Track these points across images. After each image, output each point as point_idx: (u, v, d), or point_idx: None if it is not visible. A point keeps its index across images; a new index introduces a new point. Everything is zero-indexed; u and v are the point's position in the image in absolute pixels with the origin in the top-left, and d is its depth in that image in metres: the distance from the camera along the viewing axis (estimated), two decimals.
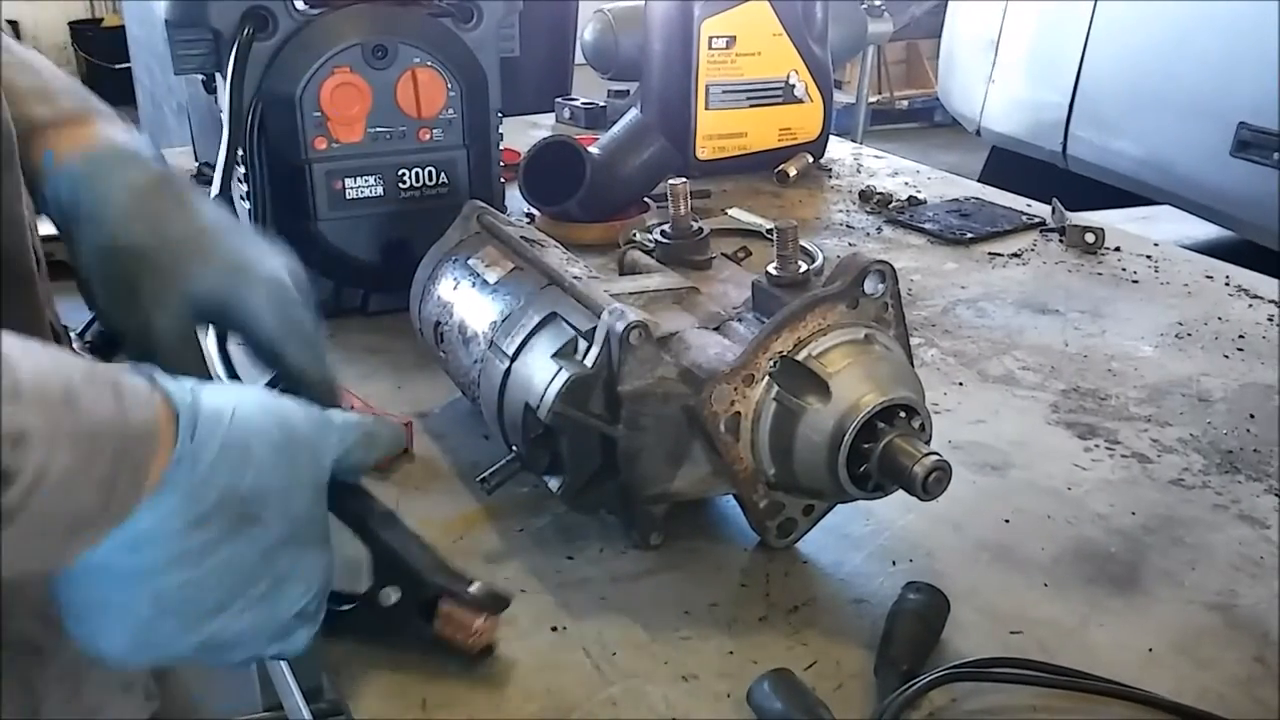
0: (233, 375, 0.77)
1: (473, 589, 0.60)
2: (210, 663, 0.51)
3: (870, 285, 0.69)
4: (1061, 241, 1.38)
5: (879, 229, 1.43)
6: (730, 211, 1.44)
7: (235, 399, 0.50)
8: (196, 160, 1.56)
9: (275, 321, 0.67)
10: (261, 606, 0.51)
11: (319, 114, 1.00)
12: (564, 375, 0.68)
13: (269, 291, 0.67)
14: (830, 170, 1.69)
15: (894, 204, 1.50)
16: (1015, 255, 1.34)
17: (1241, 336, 1.11)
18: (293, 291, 0.69)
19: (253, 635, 0.52)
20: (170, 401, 0.47)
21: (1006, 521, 0.78)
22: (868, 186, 1.57)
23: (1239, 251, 1.80)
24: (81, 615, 0.49)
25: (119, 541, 0.46)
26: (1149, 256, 1.34)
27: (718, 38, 1.54)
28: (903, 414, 0.65)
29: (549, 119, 1.96)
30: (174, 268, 0.65)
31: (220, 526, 0.48)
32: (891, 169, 1.73)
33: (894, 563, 0.73)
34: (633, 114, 1.50)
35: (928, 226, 1.42)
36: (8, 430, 0.39)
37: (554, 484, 0.72)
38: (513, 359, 0.73)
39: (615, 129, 1.48)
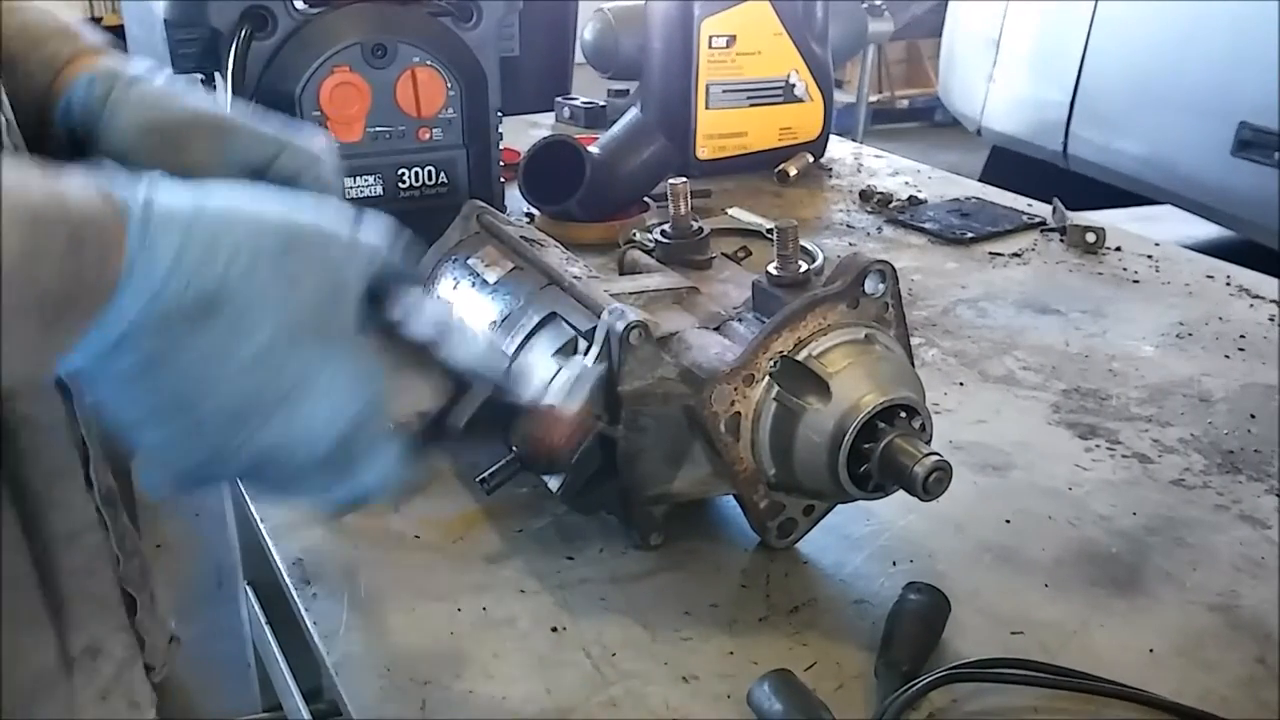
0: None
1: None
2: (271, 491, 0.50)
3: (871, 285, 0.69)
4: (1062, 241, 1.38)
5: (879, 228, 1.43)
6: (730, 211, 1.43)
7: (206, 197, 0.48)
8: None
9: (322, 184, 0.69)
10: (283, 418, 0.48)
11: (318, 113, 1.00)
12: (564, 375, 0.68)
13: (307, 156, 0.68)
14: (831, 170, 1.69)
15: (894, 203, 1.50)
16: (1016, 255, 1.34)
17: (1243, 336, 1.10)
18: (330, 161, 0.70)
19: (292, 454, 0.49)
20: (114, 199, 0.45)
21: (1007, 522, 0.78)
22: (868, 186, 1.57)
23: (1240, 251, 1.80)
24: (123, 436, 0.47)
25: (94, 349, 0.44)
26: (1150, 256, 1.34)
27: (718, 37, 1.54)
28: (903, 414, 0.65)
29: (549, 118, 1.95)
30: (226, 129, 0.67)
31: (190, 325, 0.45)
32: (892, 168, 1.72)
33: (895, 563, 0.73)
34: (633, 113, 1.50)
35: (928, 226, 1.42)
36: None
37: (554, 484, 0.72)
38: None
39: (615, 128, 1.48)
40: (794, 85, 1.62)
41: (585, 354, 0.69)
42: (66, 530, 0.58)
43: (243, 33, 0.96)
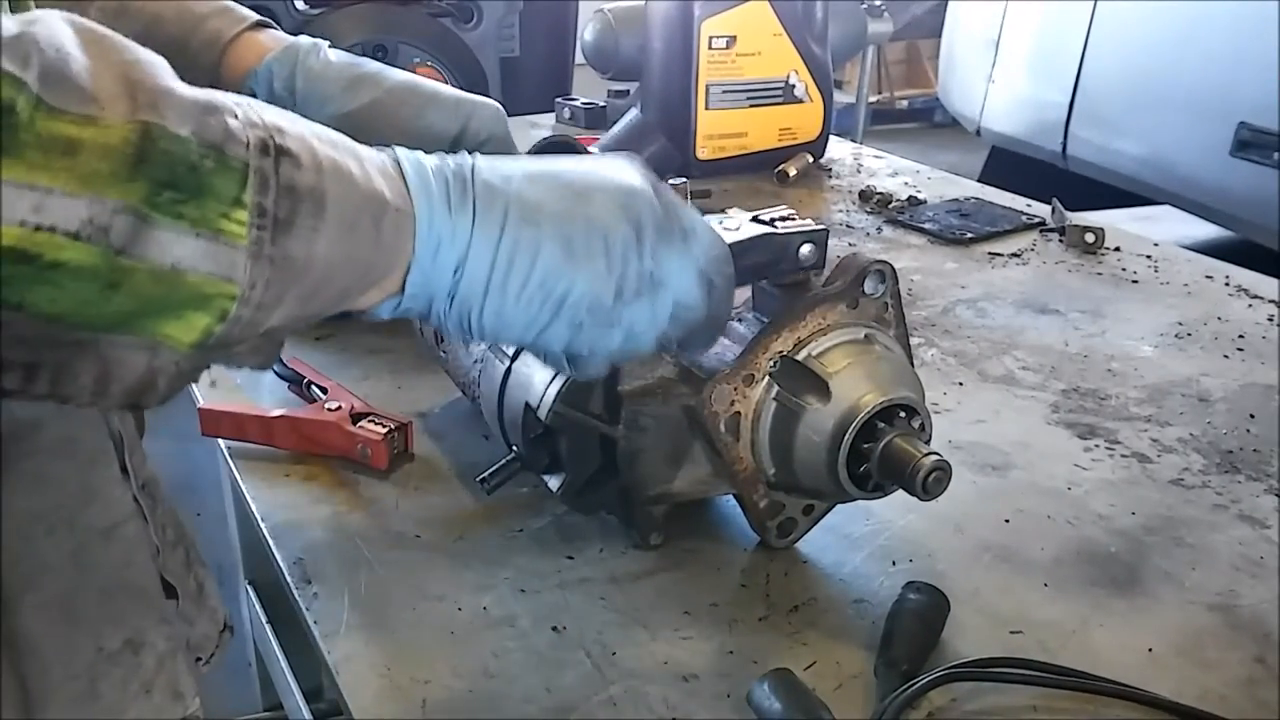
0: None
1: None
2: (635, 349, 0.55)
3: (870, 285, 0.69)
4: (1061, 241, 1.38)
5: (879, 229, 1.43)
6: (730, 211, 1.43)
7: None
8: None
9: (507, 143, 0.76)
10: (644, 299, 0.54)
11: None
12: (564, 375, 0.68)
13: (495, 114, 0.76)
14: (830, 170, 1.69)
15: (894, 204, 1.50)
16: (1015, 255, 1.34)
17: (1241, 336, 1.11)
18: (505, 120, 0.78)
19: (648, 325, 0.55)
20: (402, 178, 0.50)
21: (1007, 522, 0.78)
22: (868, 186, 1.57)
23: (1239, 251, 1.80)
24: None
25: (440, 268, 0.50)
26: (1149, 256, 1.34)
27: (718, 38, 1.54)
28: (903, 414, 0.65)
29: (549, 119, 1.96)
30: (404, 111, 0.73)
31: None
32: (891, 169, 1.73)
33: (894, 563, 0.73)
34: (633, 114, 1.51)
35: (928, 226, 1.42)
36: (268, 122, 0.42)
37: (554, 484, 0.72)
38: (513, 359, 0.73)
39: (615, 129, 1.48)
40: (794, 86, 1.63)
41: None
42: (105, 522, 0.58)
43: None
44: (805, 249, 0.67)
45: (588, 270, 0.52)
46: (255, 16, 0.77)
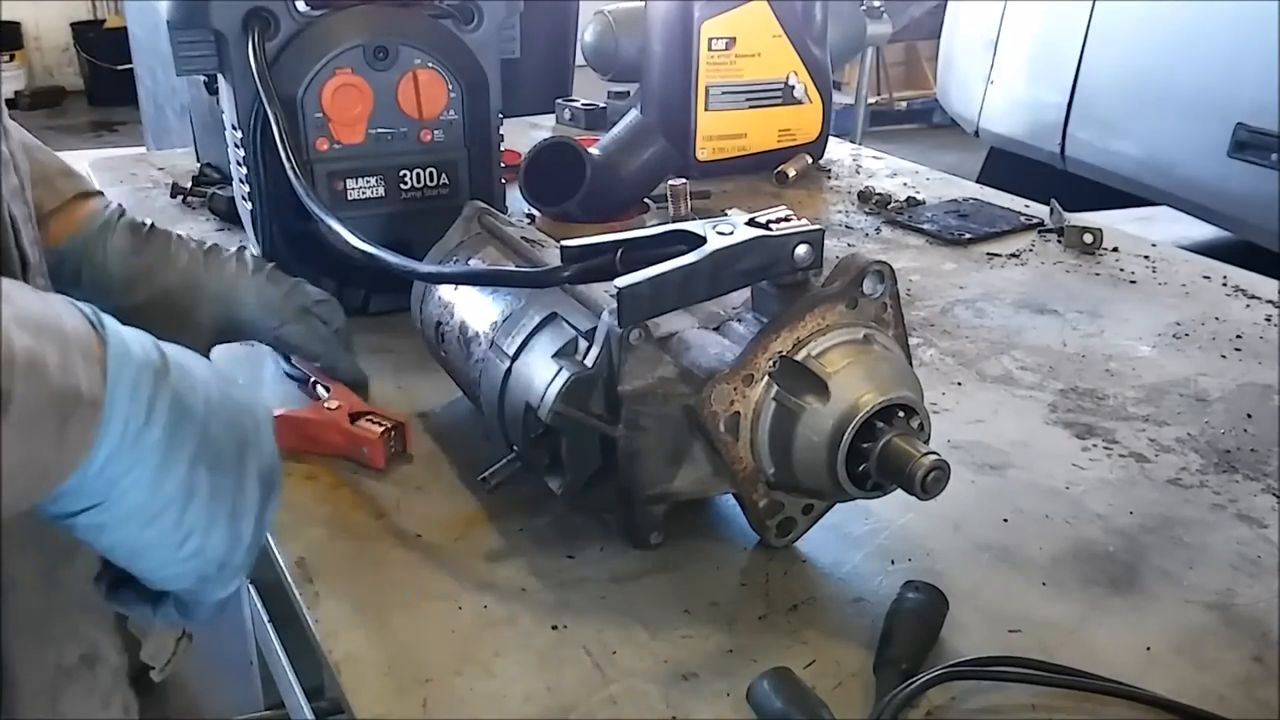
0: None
1: None
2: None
3: (869, 285, 0.69)
4: (1060, 242, 1.39)
5: (878, 229, 1.44)
6: (730, 212, 1.43)
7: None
8: (199, 161, 1.56)
9: (278, 324, 0.85)
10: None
11: (320, 115, 1.00)
12: (564, 375, 0.68)
13: (259, 301, 0.85)
14: (829, 171, 1.70)
15: (893, 205, 1.51)
16: (1014, 256, 1.34)
17: (1239, 336, 1.11)
18: (279, 289, 0.87)
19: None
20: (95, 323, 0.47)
21: (1005, 521, 0.79)
22: (867, 187, 1.58)
23: (1237, 252, 1.80)
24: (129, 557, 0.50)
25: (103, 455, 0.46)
26: (1147, 257, 1.34)
27: (717, 39, 1.55)
28: (901, 414, 0.65)
29: (549, 120, 1.96)
30: (178, 310, 0.82)
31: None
32: (890, 170, 1.73)
33: (893, 562, 0.73)
34: (633, 115, 1.51)
35: (926, 227, 1.43)
36: None
37: (554, 484, 0.73)
38: (513, 359, 0.74)
39: (615, 130, 1.48)
40: (793, 87, 1.63)
41: (585, 356, 0.70)
42: (69, 538, 0.57)
43: (254, 36, 0.97)
44: (801, 250, 0.68)
45: (233, 528, 0.52)
46: (80, 188, 0.83)
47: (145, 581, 0.52)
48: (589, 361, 0.69)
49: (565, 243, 0.73)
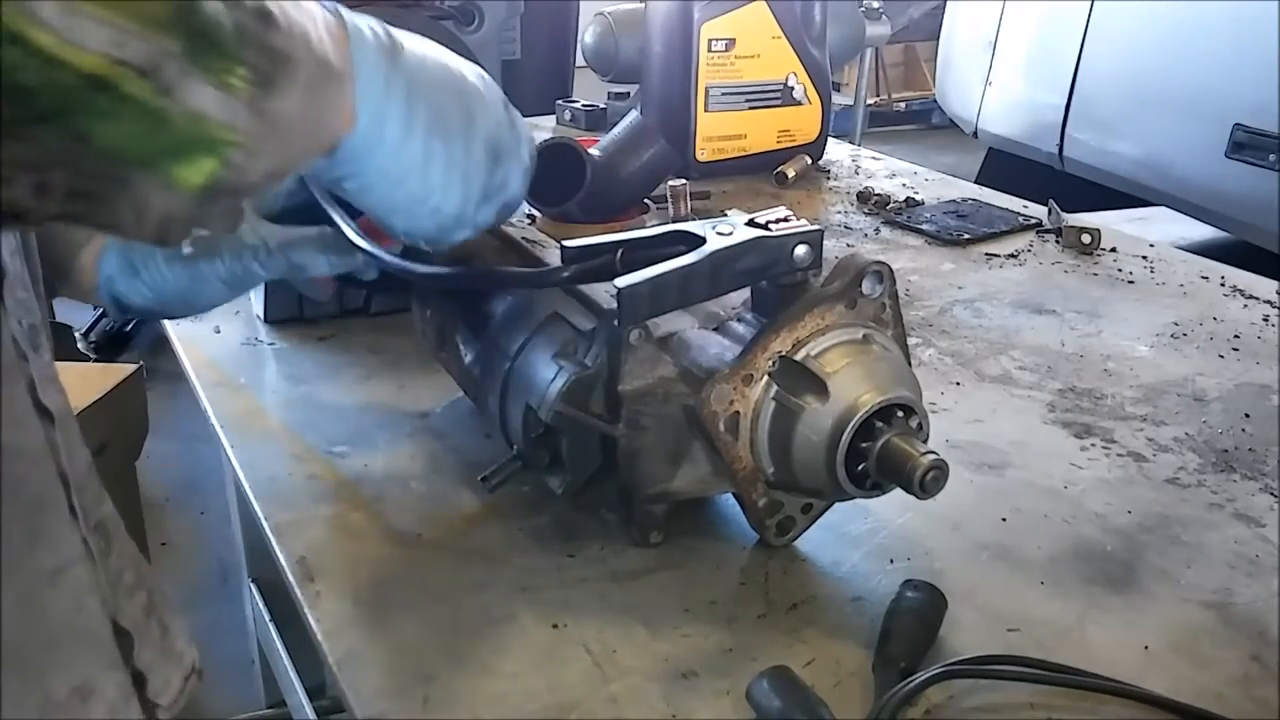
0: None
1: None
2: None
3: (868, 286, 0.69)
4: (1058, 242, 1.39)
5: (877, 230, 1.44)
6: (729, 213, 1.44)
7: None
8: None
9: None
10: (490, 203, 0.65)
11: None
12: (564, 375, 0.69)
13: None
14: (828, 172, 1.70)
15: (892, 205, 1.51)
16: (1012, 256, 1.35)
17: (1237, 336, 1.11)
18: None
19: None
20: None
21: (1004, 520, 0.79)
22: (866, 188, 1.58)
23: (1234, 252, 1.81)
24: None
25: (366, 118, 0.55)
26: (1145, 257, 1.34)
27: (717, 40, 1.55)
28: (900, 413, 0.65)
29: (549, 121, 1.96)
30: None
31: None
32: (889, 170, 1.73)
33: (892, 561, 0.73)
34: (633, 116, 1.51)
35: (925, 227, 1.43)
36: None
37: (555, 483, 0.73)
38: (514, 359, 0.74)
39: (615, 131, 1.49)
40: (792, 88, 1.63)
41: (585, 356, 0.70)
42: (52, 565, 0.55)
43: None
44: (800, 250, 0.68)
45: (465, 190, 0.63)
46: None
47: (397, 234, 0.64)
48: (589, 361, 0.69)
49: (565, 243, 0.73)
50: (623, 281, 0.65)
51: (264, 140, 0.48)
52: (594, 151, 1.39)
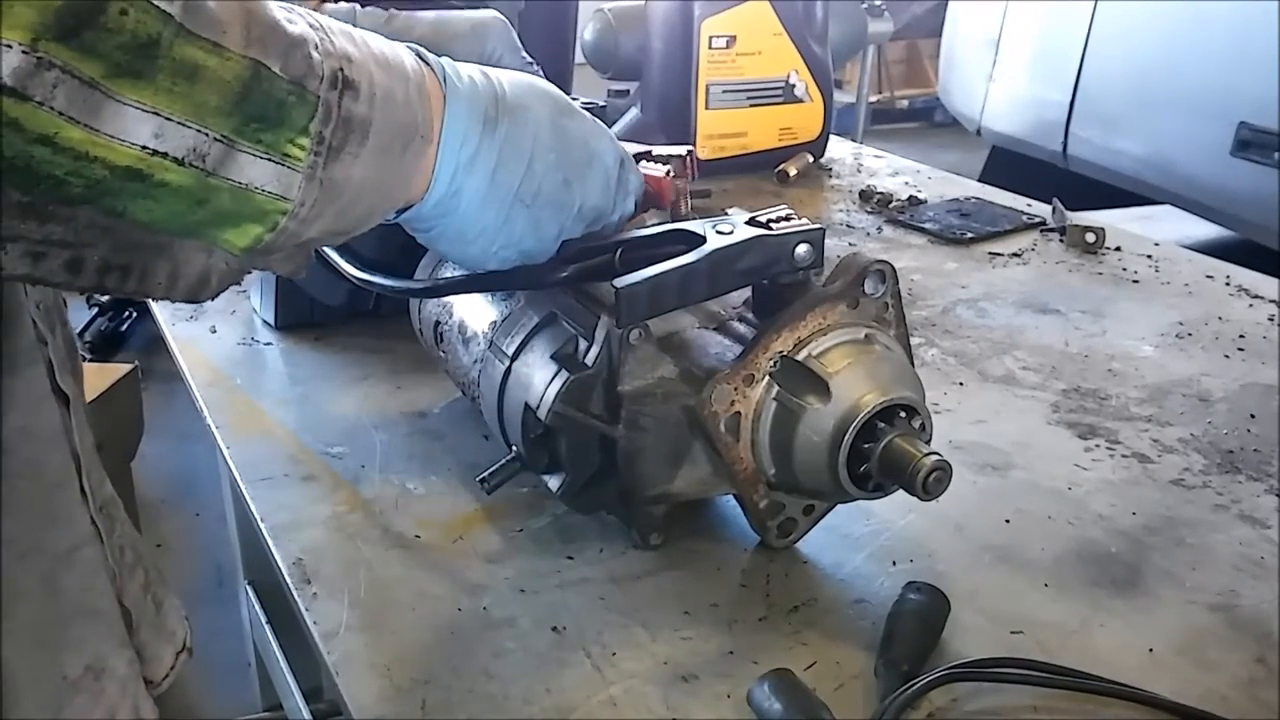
0: None
1: None
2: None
3: (870, 285, 0.69)
4: (1062, 241, 1.38)
5: (879, 228, 1.43)
6: (730, 211, 1.43)
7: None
8: None
9: (516, 53, 0.95)
10: (584, 182, 0.66)
11: None
12: (564, 375, 0.68)
13: (503, 29, 0.95)
14: (830, 170, 1.69)
15: (894, 203, 1.50)
16: (1016, 255, 1.34)
17: (1242, 336, 1.10)
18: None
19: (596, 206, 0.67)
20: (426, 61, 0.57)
21: (1007, 522, 0.78)
22: (868, 186, 1.57)
23: (1240, 251, 1.80)
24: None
25: (447, 171, 0.57)
26: (1149, 256, 1.34)
27: (718, 37, 1.54)
28: (903, 414, 0.65)
29: None
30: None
31: (503, 136, 0.59)
32: (892, 168, 1.73)
33: (894, 563, 0.73)
34: (633, 113, 1.51)
35: (928, 226, 1.42)
36: (339, 50, 0.47)
37: (554, 484, 0.72)
38: (513, 359, 0.73)
39: (615, 128, 1.48)
40: (794, 85, 1.63)
41: (585, 356, 0.69)
42: (67, 545, 0.56)
43: None
44: (801, 249, 0.67)
45: (540, 243, 0.64)
46: None
47: (464, 267, 0.67)
48: (589, 361, 0.69)
49: (564, 241, 0.72)
50: (622, 281, 0.65)
51: (322, 205, 0.48)
52: None
